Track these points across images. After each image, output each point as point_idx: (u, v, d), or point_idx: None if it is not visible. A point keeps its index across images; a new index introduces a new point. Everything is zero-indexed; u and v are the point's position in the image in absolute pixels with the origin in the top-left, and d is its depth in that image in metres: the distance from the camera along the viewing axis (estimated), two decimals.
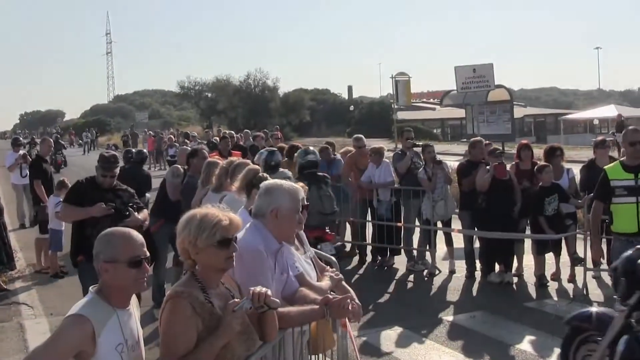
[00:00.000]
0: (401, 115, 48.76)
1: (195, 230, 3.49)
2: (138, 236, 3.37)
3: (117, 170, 7.58)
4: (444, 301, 9.61)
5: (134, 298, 3.48)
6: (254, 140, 18.25)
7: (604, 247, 9.47)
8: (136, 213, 7.19)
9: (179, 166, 9.93)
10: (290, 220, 4.21)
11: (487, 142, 11.75)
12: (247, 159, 8.92)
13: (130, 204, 7.25)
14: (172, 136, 36.80)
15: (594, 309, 6.44)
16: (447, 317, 8.82)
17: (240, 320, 3.40)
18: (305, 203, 4.47)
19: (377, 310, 9.30)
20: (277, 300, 3.62)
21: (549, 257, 10.28)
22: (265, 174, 5.73)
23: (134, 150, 15.10)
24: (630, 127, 7.46)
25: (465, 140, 38.02)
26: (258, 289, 3.52)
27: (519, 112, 50.92)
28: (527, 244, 10.54)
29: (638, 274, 5.50)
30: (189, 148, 12.06)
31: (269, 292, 3.55)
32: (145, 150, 16.17)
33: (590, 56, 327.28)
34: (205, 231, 3.47)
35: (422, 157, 11.70)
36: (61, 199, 11.51)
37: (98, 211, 6.91)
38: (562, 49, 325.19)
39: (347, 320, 4.37)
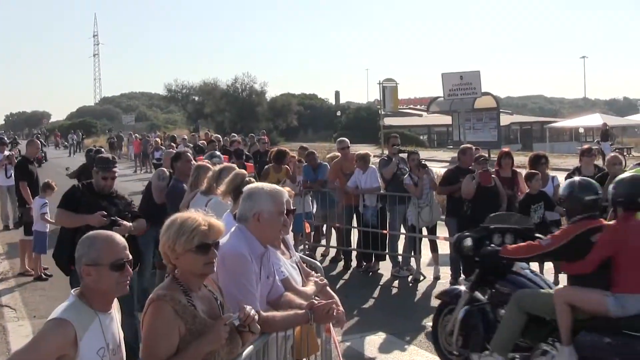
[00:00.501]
0: (388, 121, 48.88)
1: (174, 234, 3.48)
2: (121, 239, 3.36)
3: (116, 171, 7.31)
4: (429, 307, 9.59)
5: (115, 301, 3.46)
6: (231, 145, 18.08)
7: None
8: (128, 223, 6.86)
9: (165, 169, 9.88)
10: (273, 223, 4.20)
11: (476, 147, 11.80)
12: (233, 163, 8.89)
13: (127, 212, 7.02)
14: (158, 139, 36.73)
15: (460, 286, 7.38)
16: (432, 323, 8.77)
17: (228, 330, 3.43)
18: (292, 207, 4.47)
19: (362, 316, 9.29)
20: (259, 327, 3.64)
21: (533, 264, 10.30)
22: (252, 179, 5.72)
23: (94, 148, 15.13)
24: None
25: (451, 147, 38.17)
26: (249, 310, 3.53)
27: (505, 119, 51.13)
28: None
29: (464, 253, 7.10)
30: (174, 151, 12.02)
31: (256, 317, 3.56)
32: (104, 150, 15.80)
33: (577, 65, 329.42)
34: (183, 236, 3.46)
35: (407, 164, 11.73)
36: (46, 201, 11.48)
37: (97, 221, 6.53)
38: (549, 58, 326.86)
39: (331, 325, 4.37)
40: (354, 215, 12.28)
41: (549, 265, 9.84)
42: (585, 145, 11.65)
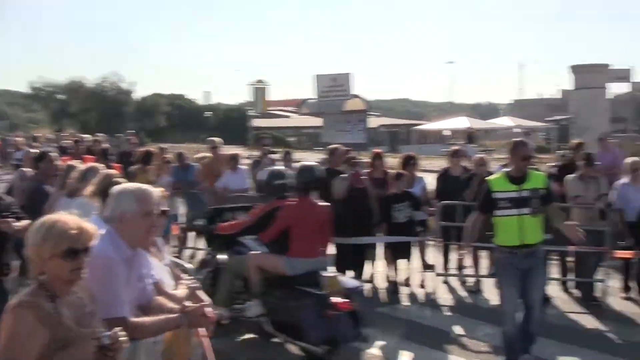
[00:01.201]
0: (257, 122, 48.90)
1: (41, 238, 3.30)
2: None
3: None
4: None
5: None
6: (95, 144, 17.56)
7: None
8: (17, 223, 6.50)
9: (26, 169, 9.47)
10: (137, 225, 4.05)
11: (347, 149, 11.96)
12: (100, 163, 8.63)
13: (9, 213, 6.62)
14: (18, 139, 35.16)
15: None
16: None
17: (96, 345, 3.29)
18: (164, 208, 4.36)
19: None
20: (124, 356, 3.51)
21: (401, 263, 10.56)
22: (121, 179, 5.55)
23: None
24: (518, 140, 7.29)
25: (322, 148, 38.59)
26: (120, 333, 3.38)
27: (373, 121, 52.06)
28: (380, 250, 10.79)
29: (197, 230, 9.32)
30: (36, 151, 11.53)
31: (124, 346, 3.40)
32: None
33: (443, 70, 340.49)
34: (50, 240, 3.28)
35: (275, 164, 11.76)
36: None
37: None
38: (417, 63, 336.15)
39: (203, 330, 4.29)
40: None
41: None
42: (453, 147, 12.03)
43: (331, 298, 6.86)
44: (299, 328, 6.94)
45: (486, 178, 7.38)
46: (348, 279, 8.24)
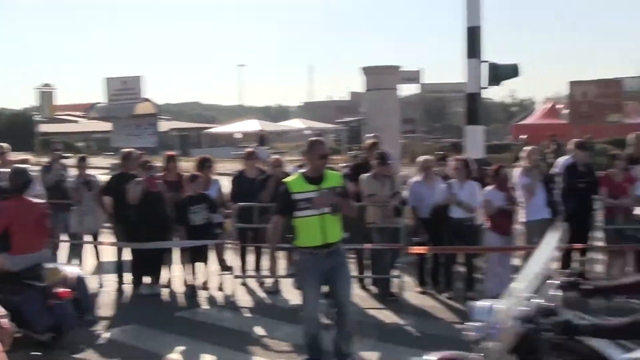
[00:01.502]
0: (44, 127, 46.72)
1: None
2: None
3: None
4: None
5: None
6: None
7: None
8: None
9: None
10: None
11: (141, 152, 11.73)
12: None
13: None
14: None
15: None
16: (101, 331, 8.48)
17: None
18: None
19: None
20: None
21: (199, 266, 10.50)
22: None
23: None
24: (314, 139, 7.35)
25: (112, 152, 37.48)
26: None
27: (164, 125, 51.27)
28: (177, 254, 10.69)
29: None
30: None
31: None
32: None
33: (233, 73, 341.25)
34: None
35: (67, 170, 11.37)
36: None
37: None
38: (207, 66, 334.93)
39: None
40: None
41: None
42: (248, 149, 12.15)
43: (53, 288, 7.58)
44: (25, 319, 7.17)
45: (283, 180, 7.39)
46: (73, 268, 8.84)
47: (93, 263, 11.19)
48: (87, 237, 11.10)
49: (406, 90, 59.08)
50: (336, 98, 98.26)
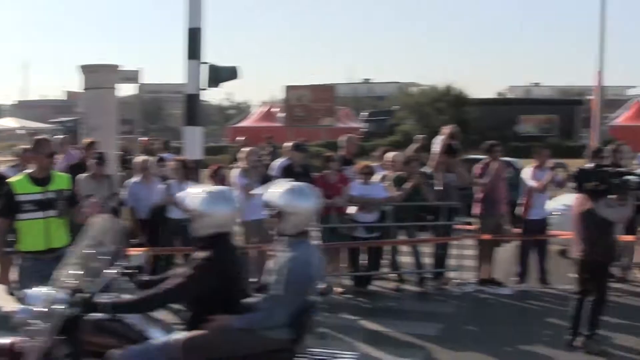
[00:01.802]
0: None
1: None
2: None
3: None
4: None
5: None
6: None
7: None
8: None
9: None
10: None
11: None
12: None
13: None
14: None
15: None
16: None
17: None
18: None
19: None
20: None
21: None
22: None
23: None
24: (40, 137, 6.97)
25: None
26: None
27: None
28: None
29: None
30: None
31: None
32: None
33: None
34: None
35: None
36: None
37: None
38: None
39: None
40: None
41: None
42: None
43: None
44: None
45: (7, 180, 6.92)
46: None
47: None
48: None
49: (125, 90, 57.95)
50: (52, 97, 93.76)
